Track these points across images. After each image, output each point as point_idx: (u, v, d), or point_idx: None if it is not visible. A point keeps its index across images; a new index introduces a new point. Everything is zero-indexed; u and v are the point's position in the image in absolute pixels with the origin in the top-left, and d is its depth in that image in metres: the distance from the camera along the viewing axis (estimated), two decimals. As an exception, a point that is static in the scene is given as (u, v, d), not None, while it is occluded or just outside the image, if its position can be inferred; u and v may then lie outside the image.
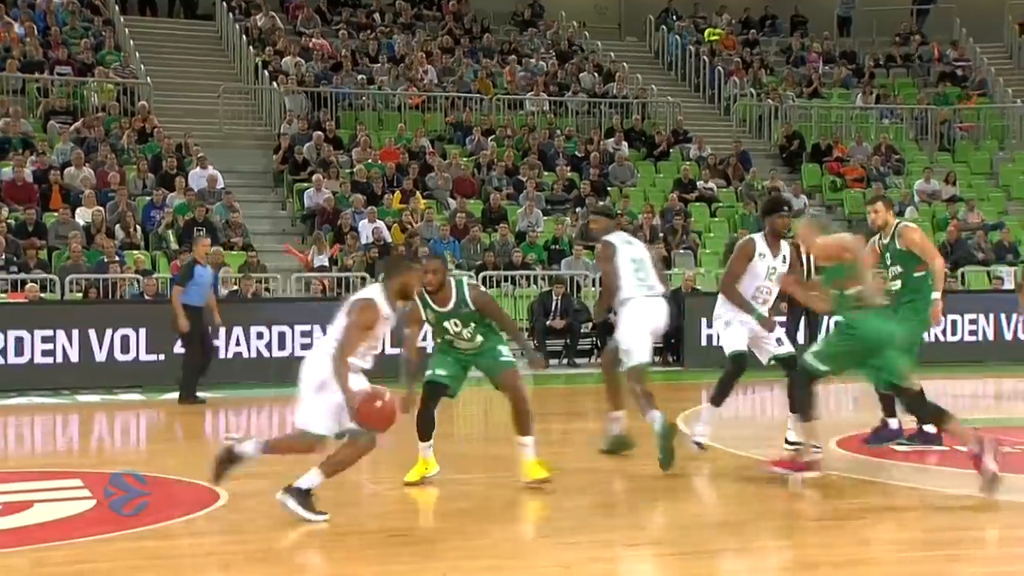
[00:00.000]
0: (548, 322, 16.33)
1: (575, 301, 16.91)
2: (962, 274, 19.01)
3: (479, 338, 7.44)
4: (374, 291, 6.60)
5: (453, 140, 21.91)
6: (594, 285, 17.49)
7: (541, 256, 18.49)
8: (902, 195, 21.90)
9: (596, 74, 24.82)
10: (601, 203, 17.35)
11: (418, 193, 19.47)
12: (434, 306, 7.41)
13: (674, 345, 16.20)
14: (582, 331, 16.62)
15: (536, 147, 21.65)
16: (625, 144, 22.43)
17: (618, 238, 8.47)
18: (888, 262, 8.55)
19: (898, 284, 8.49)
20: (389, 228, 18.27)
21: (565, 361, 16.35)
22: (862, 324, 7.20)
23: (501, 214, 19.31)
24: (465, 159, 21.07)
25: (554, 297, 16.47)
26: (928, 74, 26.91)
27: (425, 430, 7.55)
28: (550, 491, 7.25)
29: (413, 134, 21.25)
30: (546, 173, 21.01)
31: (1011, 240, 20.41)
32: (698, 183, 21.43)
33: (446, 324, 7.43)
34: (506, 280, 17.60)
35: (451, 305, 7.35)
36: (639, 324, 8.17)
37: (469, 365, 7.60)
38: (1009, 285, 18.61)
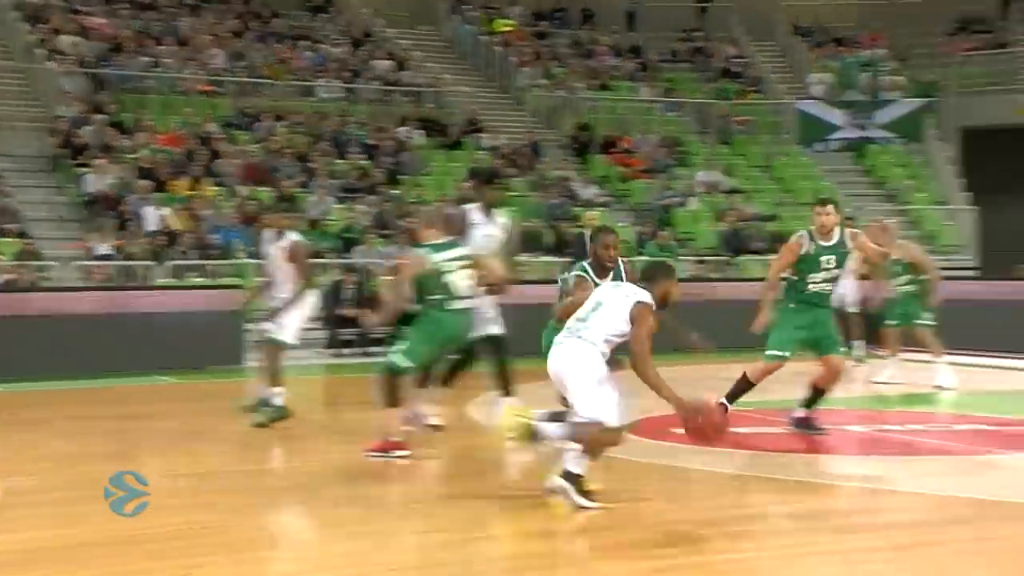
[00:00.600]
0: (341, 311, 16.21)
1: (367, 289, 16.84)
2: (739, 263, 19.94)
3: None
4: (644, 294, 6.38)
5: (242, 126, 21.43)
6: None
7: (334, 244, 18.33)
8: (685, 186, 22.76)
9: (389, 62, 24.75)
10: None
11: (207, 179, 18.97)
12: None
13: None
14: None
15: (328, 134, 21.42)
16: (418, 133, 22.47)
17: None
18: (828, 264, 8.60)
19: (830, 287, 8.66)
20: (177, 215, 17.75)
21: (359, 350, 16.28)
22: (446, 320, 7.85)
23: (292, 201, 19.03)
24: (255, 145, 20.66)
25: (347, 286, 16.36)
26: (709, 69, 28.01)
27: None
28: (339, 481, 7.23)
29: (201, 119, 20.67)
30: (338, 161, 20.83)
31: (782, 230, 21.47)
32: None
33: None
34: (298, 269, 17.34)
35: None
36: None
37: None
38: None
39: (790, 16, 29.49)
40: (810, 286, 8.62)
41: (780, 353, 8.60)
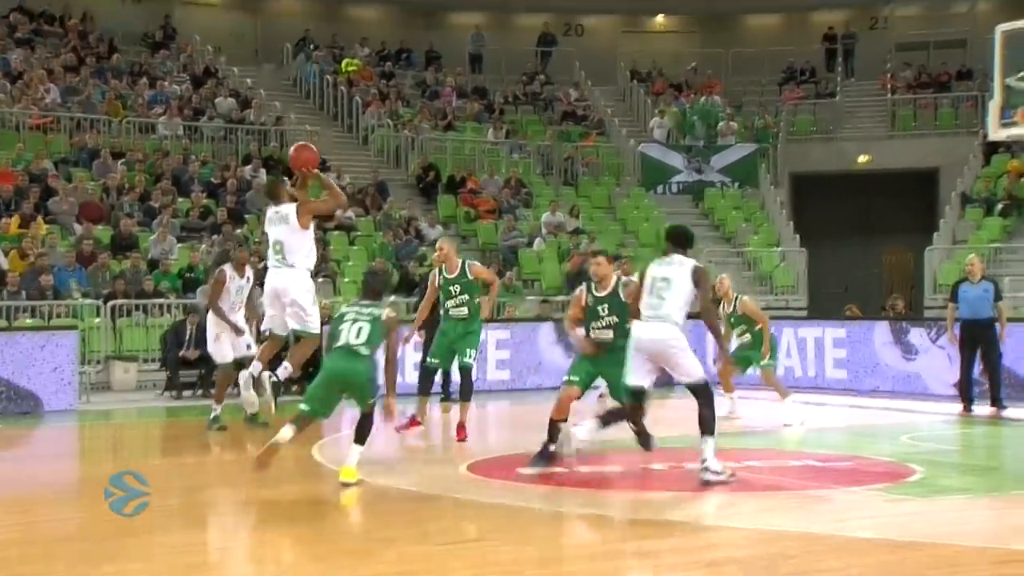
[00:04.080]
0: (181, 353, 15.87)
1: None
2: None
3: None
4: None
5: (79, 163, 20.85)
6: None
7: (175, 284, 17.95)
8: (531, 227, 23.08)
9: (232, 100, 24.45)
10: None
11: (39, 218, 18.37)
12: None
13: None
14: (218, 361, 16.24)
15: (170, 172, 21.02)
16: (263, 171, 22.22)
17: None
18: (603, 312, 9.67)
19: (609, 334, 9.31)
20: (7, 254, 17.12)
21: (200, 393, 15.96)
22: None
23: (132, 241, 18.58)
24: (91, 183, 20.11)
25: (188, 327, 16.02)
26: (552, 112, 28.54)
27: None
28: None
29: (34, 156, 20.03)
30: (180, 199, 20.44)
31: (628, 271, 21.95)
32: (337, 212, 21.54)
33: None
34: (137, 309, 16.97)
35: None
36: None
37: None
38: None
39: (628, 62, 30.35)
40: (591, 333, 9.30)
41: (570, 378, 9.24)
